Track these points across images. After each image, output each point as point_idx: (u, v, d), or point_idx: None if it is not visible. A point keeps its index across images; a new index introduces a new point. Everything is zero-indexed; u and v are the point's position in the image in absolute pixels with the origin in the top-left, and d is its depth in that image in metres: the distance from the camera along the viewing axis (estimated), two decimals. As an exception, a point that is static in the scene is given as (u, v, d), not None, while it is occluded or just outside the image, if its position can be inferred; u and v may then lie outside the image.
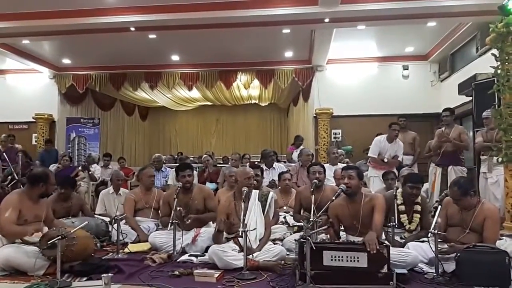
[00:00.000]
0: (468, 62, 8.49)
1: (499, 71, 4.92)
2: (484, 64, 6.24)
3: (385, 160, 6.35)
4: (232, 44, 9.32)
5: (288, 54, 10.11)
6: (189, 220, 4.27)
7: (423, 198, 4.21)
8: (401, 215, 4.00)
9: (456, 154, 6.12)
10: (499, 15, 4.94)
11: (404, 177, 4.38)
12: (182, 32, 8.12)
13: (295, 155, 8.45)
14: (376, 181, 6.31)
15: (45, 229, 3.77)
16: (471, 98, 7.23)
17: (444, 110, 6.34)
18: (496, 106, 5.14)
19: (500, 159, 4.96)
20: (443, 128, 6.24)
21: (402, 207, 4.05)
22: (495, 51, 5.03)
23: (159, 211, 5.21)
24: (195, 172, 6.32)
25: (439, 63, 10.10)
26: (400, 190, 4.17)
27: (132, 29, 7.72)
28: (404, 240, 3.86)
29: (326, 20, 7.25)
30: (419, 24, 8.07)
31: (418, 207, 4.06)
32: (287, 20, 7.44)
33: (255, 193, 4.01)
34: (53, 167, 7.96)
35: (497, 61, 4.95)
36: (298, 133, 11.93)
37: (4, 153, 6.78)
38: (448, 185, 5.71)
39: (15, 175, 6.11)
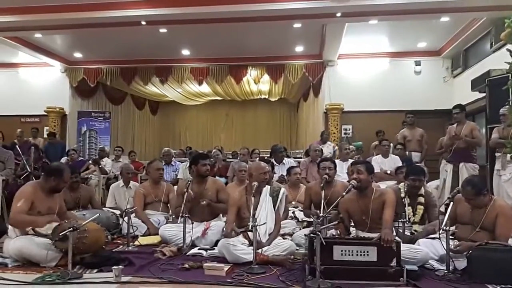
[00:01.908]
0: (482, 58, 8.37)
1: (513, 67, 4.85)
2: (498, 60, 6.14)
3: (388, 172, 6.40)
4: (243, 39, 9.31)
5: (299, 48, 10.06)
6: (204, 202, 4.33)
7: (427, 192, 4.25)
8: (405, 208, 3.99)
9: (467, 151, 6.04)
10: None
11: (406, 170, 4.41)
12: (193, 27, 8.13)
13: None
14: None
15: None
16: (484, 94, 7.13)
17: (454, 107, 6.25)
18: (510, 102, 5.06)
19: (512, 156, 4.89)
20: (454, 125, 6.17)
21: (406, 200, 4.08)
22: (510, 46, 4.94)
23: (169, 205, 5.27)
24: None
25: (452, 59, 9.97)
26: (402, 183, 4.25)
27: (143, 23, 7.75)
28: (414, 235, 3.85)
29: (338, 14, 7.20)
30: (432, 19, 7.98)
31: (422, 199, 4.13)
32: (298, 15, 7.41)
33: (266, 188, 4.00)
34: (63, 161, 8.03)
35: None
36: (308, 129, 11.97)
37: (18, 147, 6.85)
38: (460, 182, 5.70)
39: (27, 167, 6.18)
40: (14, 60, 11.27)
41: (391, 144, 7.93)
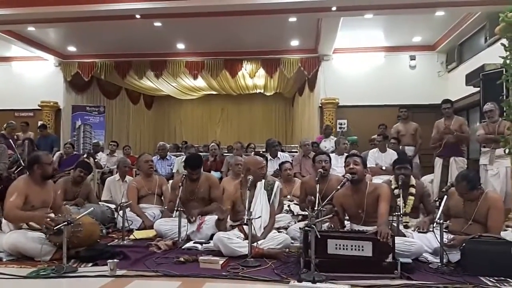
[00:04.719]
0: (476, 52, 8.40)
1: (508, 61, 4.85)
2: (493, 55, 6.17)
3: (383, 168, 6.42)
4: (238, 33, 9.27)
5: (294, 43, 10.04)
6: (193, 218, 4.30)
7: (418, 182, 4.30)
8: (397, 199, 4.01)
9: (457, 145, 6.11)
10: (509, 4, 4.86)
11: (393, 162, 4.48)
12: (187, 20, 8.10)
13: (322, 144, 8.49)
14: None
15: (51, 215, 3.80)
16: (478, 89, 7.16)
17: (444, 102, 6.28)
18: (504, 97, 5.08)
19: (507, 150, 4.92)
20: (442, 119, 6.20)
21: (397, 191, 4.11)
22: (504, 41, 4.95)
23: (162, 197, 5.28)
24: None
25: (446, 54, 9.99)
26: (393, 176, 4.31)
27: (138, 16, 7.70)
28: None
29: (333, 8, 7.19)
30: (427, 14, 7.99)
31: (413, 190, 4.17)
32: (294, 9, 7.40)
33: (261, 182, 4.00)
34: (57, 154, 7.99)
35: (506, 51, 4.87)
36: (303, 123, 11.98)
37: (11, 140, 6.81)
38: (449, 176, 5.79)
39: (21, 161, 6.14)
40: (7, 53, 11.17)
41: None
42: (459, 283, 2.90)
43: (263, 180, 4.08)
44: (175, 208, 4.12)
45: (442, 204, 3.41)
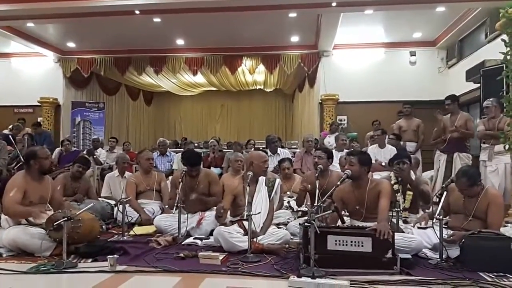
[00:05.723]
0: (477, 48, 8.38)
1: (508, 57, 4.84)
2: (493, 50, 6.16)
3: (383, 164, 6.40)
4: (238, 28, 9.24)
5: (294, 38, 10.01)
6: (193, 196, 4.32)
7: (418, 178, 4.29)
8: (396, 194, 4.01)
9: (462, 141, 6.08)
10: (510, -1, 4.84)
11: (391, 157, 4.47)
12: (187, 16, 8.05)
13: (327, 140, 8.46)
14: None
15: (50, 212, 3.80)
16: (479, 85, 7.15)
17: (446, 98, 6.21)
18: (505, 92, 5.07)
19: (507, 146, 4.92)
20: (448, 115, 6.17)
21: (396, 187, 4.10)
22: (504, 36, 4.93)
23: (161, 194, 5.29)
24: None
25: (447, 50, 9.97)
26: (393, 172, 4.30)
27: (137, 12, 7.66)
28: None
29: (333, 4, 7.16)
30: (428, 9, 7.96)
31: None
32: (294, 4, 7.38)
33: (262, 178, 4.01)
34: (57, 151, 8.00)
35: (506, 46, 4.85)
36: (303, 120, 11.97)
37: (11, 137, 6.81)
38: (453, 171, 5.76)
39: (21, 157, 6.14)
40: (6, 50, 11.14)
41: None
42: (459, 278, 2.90)
43: (264, 177, 4.08)
44: (175, 204, 4.12)
45: (442, 199, 3.41)
